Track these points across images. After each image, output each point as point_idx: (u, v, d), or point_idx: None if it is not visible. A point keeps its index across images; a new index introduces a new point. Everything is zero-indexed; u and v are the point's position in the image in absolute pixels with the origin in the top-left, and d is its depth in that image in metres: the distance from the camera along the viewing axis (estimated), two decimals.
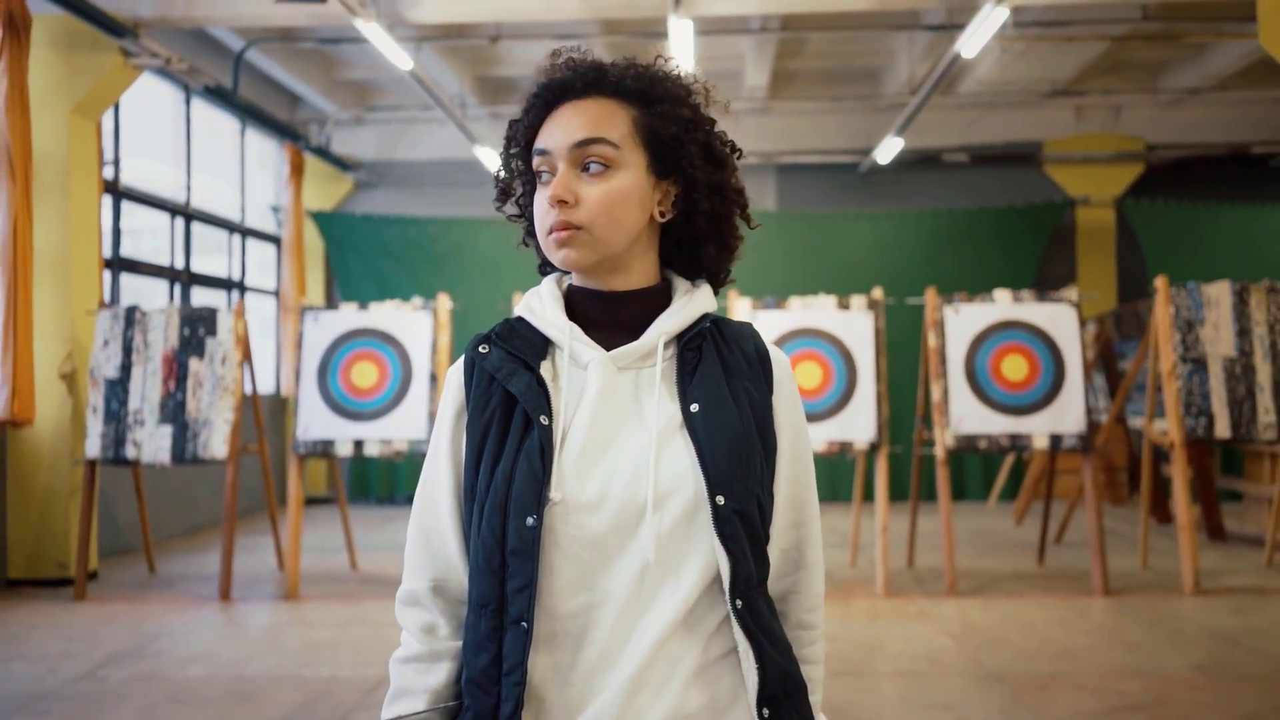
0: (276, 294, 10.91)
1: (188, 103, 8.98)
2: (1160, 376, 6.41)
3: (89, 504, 6.36)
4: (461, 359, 1.39)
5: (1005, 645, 5.06)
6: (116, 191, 7.93)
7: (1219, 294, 6.35)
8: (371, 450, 6.34)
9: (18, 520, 6.69)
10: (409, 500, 9.11)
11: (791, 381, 1.41)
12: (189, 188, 9.09)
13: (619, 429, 1.30)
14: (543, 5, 6.98)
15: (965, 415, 6.30)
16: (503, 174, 1.42)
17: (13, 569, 6.68)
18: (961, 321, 6.44)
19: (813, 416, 6.21)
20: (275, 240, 10.87)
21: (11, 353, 6.30)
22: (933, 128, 10.29)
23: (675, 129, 1.33)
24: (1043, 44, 8.60)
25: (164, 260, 8.83)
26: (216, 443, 6.36)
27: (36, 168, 6.60)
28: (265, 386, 10.49)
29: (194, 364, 6.46)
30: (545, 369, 1.34)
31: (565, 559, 1.26)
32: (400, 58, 7.06)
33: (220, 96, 8.50)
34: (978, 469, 10.67)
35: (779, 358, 1.41)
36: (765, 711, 1.27)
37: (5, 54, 6.32)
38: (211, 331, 6.50)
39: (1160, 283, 6.41)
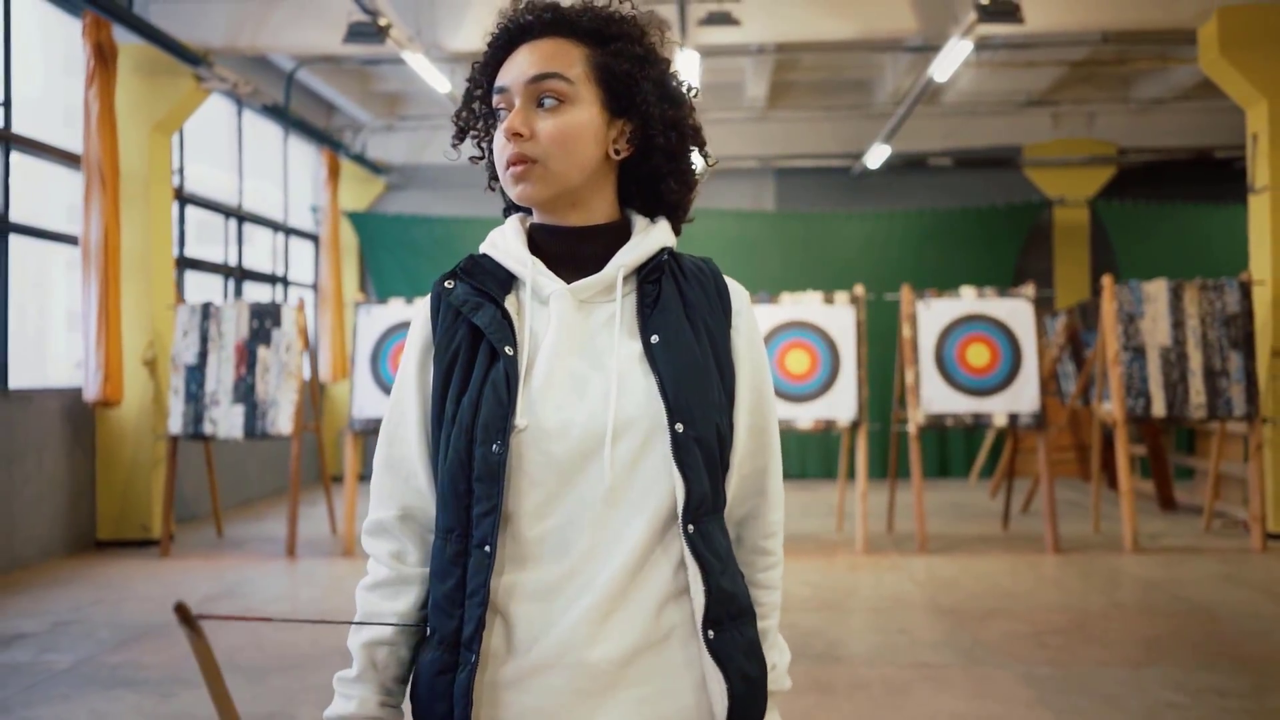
0: (314, 287, 11.84)
1: (239, 114, 9.92)
2: (1106, 363, 7.33)
3: (171, 474, 7.31)
4: (429, 295, 1.42)
5: (959, 589, 6.00)
6: (182, 197, 8.86)
7: (1156, 290, 7.26)
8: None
9: (105, 489, 7.64)
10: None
11: (750, 314, 1.43)
12: (240, 191, 10.04)
13: (581, 359, 1.33)
14: None
15: (934, 397, 7.22)
16: (463, 114, 1.44)
17: (101, 531, 7.63)
18: (932, 314, 7.36)
19: (801, 398, 7.15)
20: (314, 238, 11.80)
21: (104, 342, 7.24)
22: (919, 134, 11.17)
23: (629, 66, 1.36)
24: (1009, 66, 9.50)
25: (217, 257, 9.77)
26: (283, 420, 7.30)
27: (122, 180, 7.52)
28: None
29: (262, 352, 7.40)
30: (509, 303, 1.37)
31: (531, 485, 1.29)
32: (440, 82, 7.97)
33: (274, 113, 9.42)
34: (960, 448, 11.59)
35: (738, 290, 1.44)
36: (710, 633, 1.30)
37: (96, 81, 7.25)
38: (277, 323, 7.44)
39: (1106, 281, 7.32)
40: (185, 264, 8.96)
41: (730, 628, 1.32)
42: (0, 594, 6.03)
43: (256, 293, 10.62)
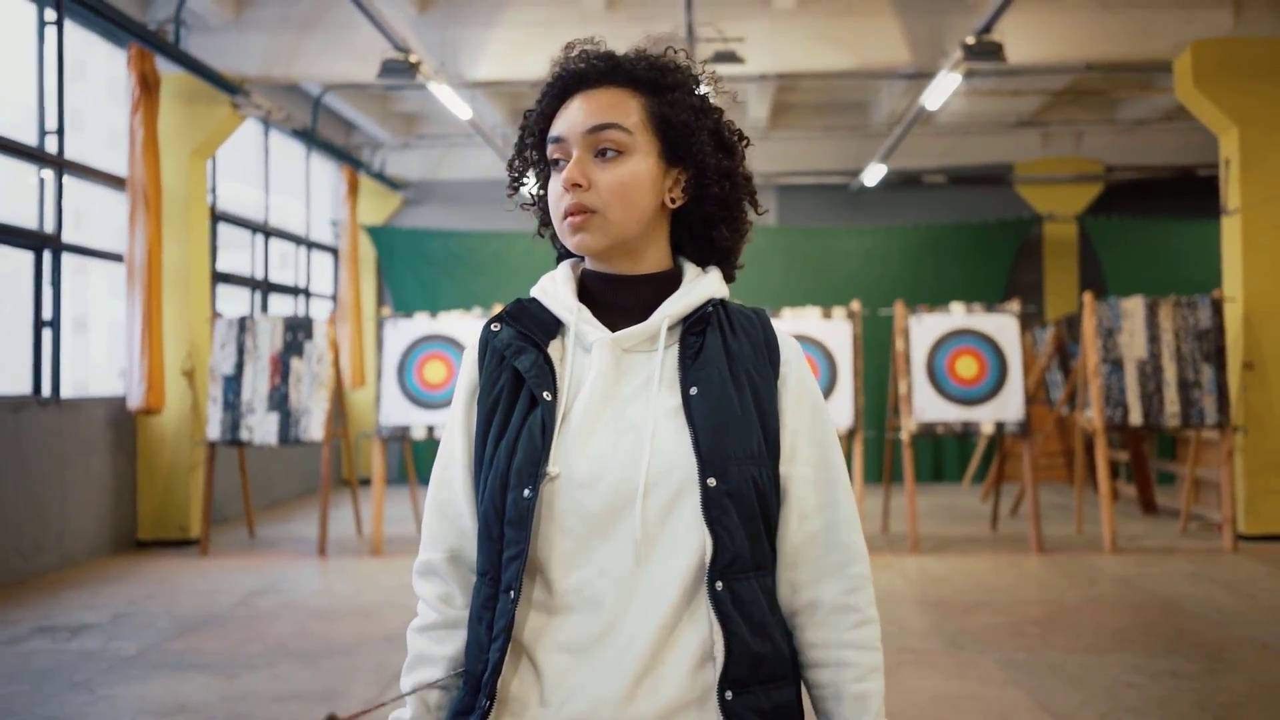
0: (334, 299, 12.33)
1: (266, 134, 10.41)
2: (1087, 374, 7.81)
3: (210, 477, 7.80)
4: (477, 338, 1.43)
5: (947, 584, 6.48)
6: (214, 215, 9.35)
7: (1134, 307, 7.75)
8: (442, 435, 7.76)
9: (146, 492, 8.12)
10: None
11: (802, 366, 1.40)
12: (267, 207, 10.53)
13: (619, 409, 1.32)
14: None
15: (926, 406, 7.71)
16: (516, 164, 1.44)
17: (142, 531, 8.11)
18: (924, 328, 7.85)
19: None
20: (334, 251, 12.29)
21: (147, 354, 7.72)
22: (914, 152, 11.66)
23: (686, 116, 1.36)
24: (996, 94, 10.01)
25: (244, 269, 10.25)
26: (314, 427, 7.79)
27: (164, 201, 8.01)
28: None
29: (295, 363, 7.89)
30: (554, 348, 1.36)
31: (561, 533, 1.29)
32: (462, 109, 8.46)
33: (298, 133, 9.92)
34: (954, 454, 12.07)
35: (788, 343, 1.41)
36: (728, 694, 1.27)
37: (141, 109, 7.75)
38: (309, 336, 7.93)
39: (1087, 298, 7.81)
40: (217, 278, 9.44)
41: (757, 691, 1.28)
42: (58, 588, 6.52)
43: (279, 304, 11.11)
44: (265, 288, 10.52)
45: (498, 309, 1.46)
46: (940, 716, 4.09)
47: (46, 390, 7.24)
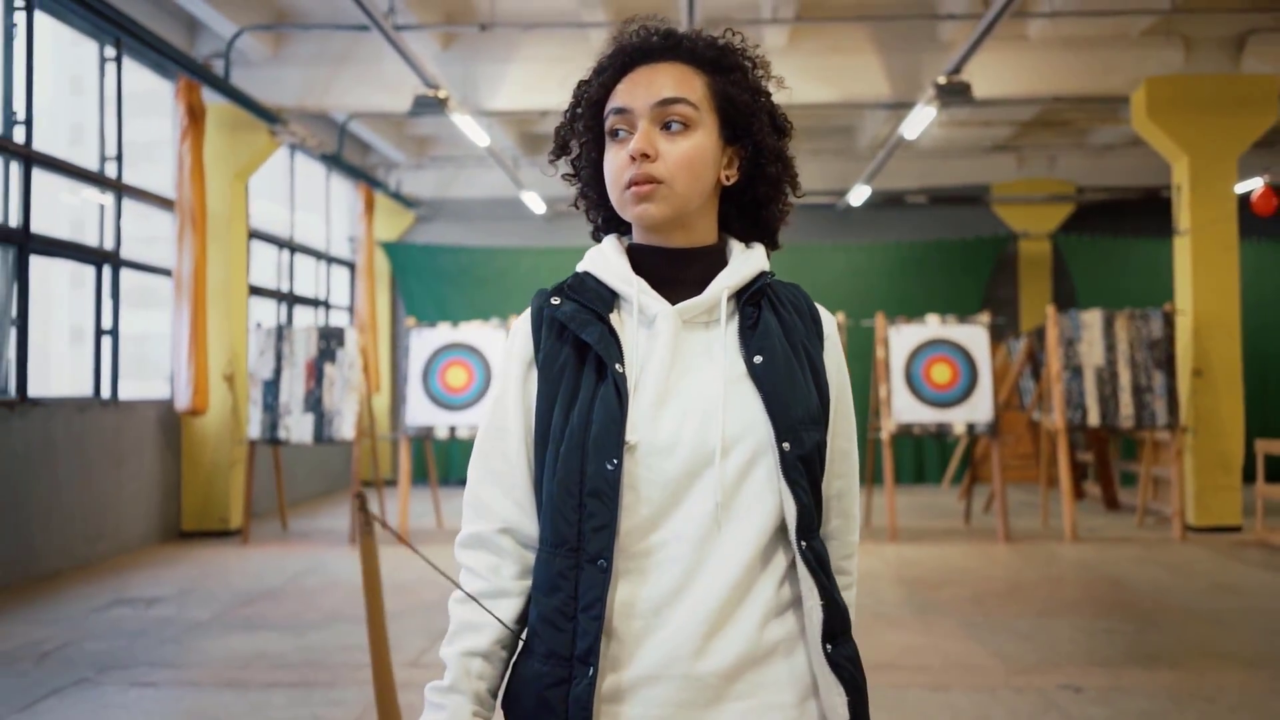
0: (351, 310, 13.07)
1: (292, 157, 11.17)
2: (1050, 380, 8.60)
3: (250, 473, 8.53)
4: (528, 312, 1.42)
5: (919, 567, 7.24)
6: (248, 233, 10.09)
7: (1092, 319, 8.54)
8: (463, 434, 8.53)
9: (189, 486, 8.84)
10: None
11: (837, 339, 1.45)
12: (292, 224, 11.29)
13: (687, 377, 1.33)
14: None
15: (904, 409, 8.48)
16: (564, 133, 1.46)
17: (185, 523, 8.83)
18: (902, 338, 8.62)
19: None
20: (350, 265, 13.04)
21: (193, 361, 8.46)
22: (896, 174, 12.45)
23: (747, 96, 1.38)
24: (969, 125, 10.82)
25: (269, 283, 10.99)
26: (346, 428, 8.53)
27: (209, 221, 8.76)
28: None
29: (328, 368, 8.63)
30: (614, 319, 1.37)
31: (639, 501, 1.30)
32: (481, 137, 9.23)
33: (328, 159, 10.68)
34: (934, 457, 12.85)
35: (827, 317, 1.45)
36: (828, 646, 1.31)
37: (189, 137, 8.50)
38: (341, 344, 8.67)
39: (1050, 310, 8.60)
40: (250, 291, 10.18)
41: (843, 641, 1.34)
42: (120, 570, 7.24)
43: (302, 315, 11.84)
44: (291, 300, 11.26)
45: (514, 320, 1.37)
46: (908, 662, 4.84)
47: (106, 393, 7.98)
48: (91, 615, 5.86)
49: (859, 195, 12.24)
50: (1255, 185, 10.57)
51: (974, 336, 8.58)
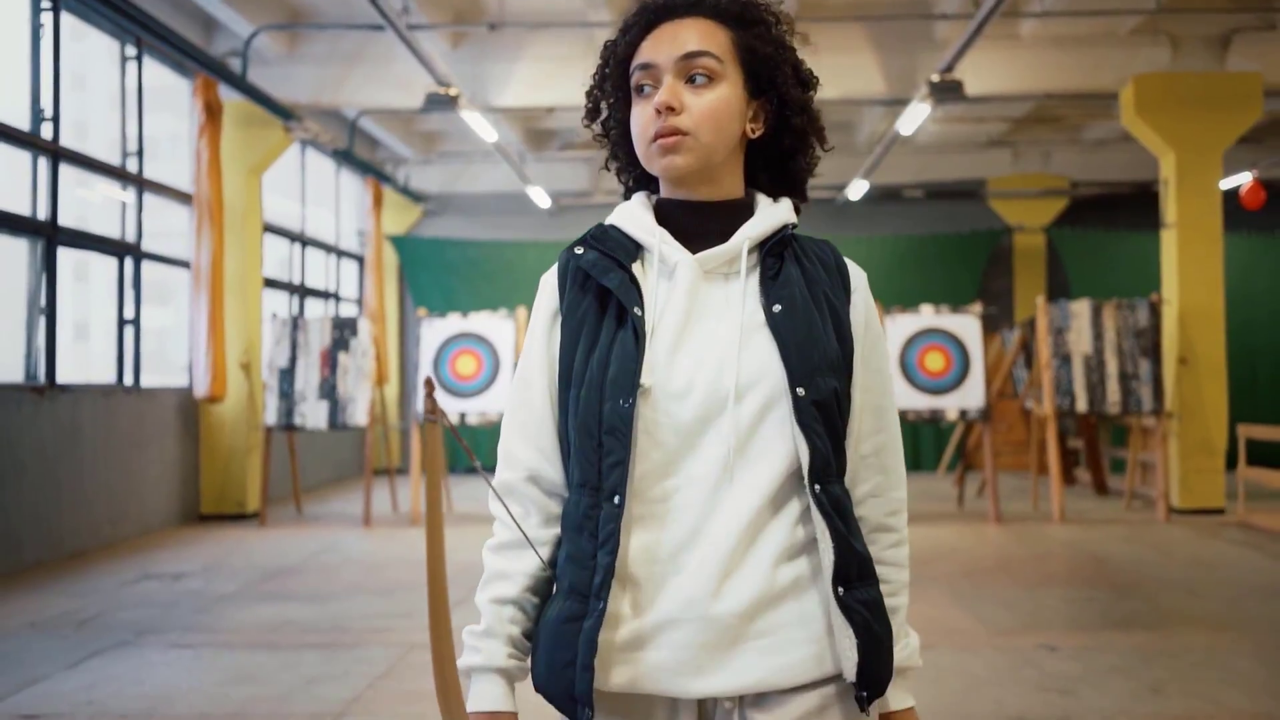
0: (359, 302, 13.37)
1: (303, 152, 11.47)
2: (1040, 368, 8.89)
3: (267, 458, 8.82)
4: (554, 267, 1.45)
5: (914, 546, 7.45)
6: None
7: (1080, 309, 8.83)
8: (472, 420, 8.83)
9: (207, 471, 9.15)
10: (488, 469, 11.67)
11: (867, 293, 1.45)
12: (304, 219, 11.58)
13: (705, 325, 1.36)
14: None
15: (898, 395, 8.76)
16: (594, 93, 1.48)
17: (204, 506, 9.13)
18: (897, 327, 8.91)
19: None
20: (359, 258, 13.34)
21: (212, 350, 8.75)
22: (894, 169, 12.74)
23: (770, 49, 1.40)
24: (963, 121, 11.12)
25: (281, 275, 11.29)
26: (360, 414, 8.82)
27: (225, 215, 9.05)
28: None
29: (342, 357, 8.93)
30: (636, 270, 1.40)
31: (653, 444, 1.33)
32: (489, 133, 9.51)
33: (342, 156, 10.97)
34: (930, 444, 13.14)
35: (856, 270, 1.46)
36: (840, 589, 1.32)
37: (207, 133, 8.79)
38: (354, 334, 8.97)
39: (1040, 300, 8.89)
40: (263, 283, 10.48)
41: (859, 586, 1.34)
42: (144, 549, 7.54)
43: (312, 307, 12.14)
44: (303, 292, 11.56)
45: (523, 311, 1.40)
46: None
47: (129, 380, 8.28)
48: (122, 588, 6.17)
49: (857, 190, 12.52)
50: (1244, 180, 10.89)
51: (966, 326, 8.87)
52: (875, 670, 1.34)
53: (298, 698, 4.07)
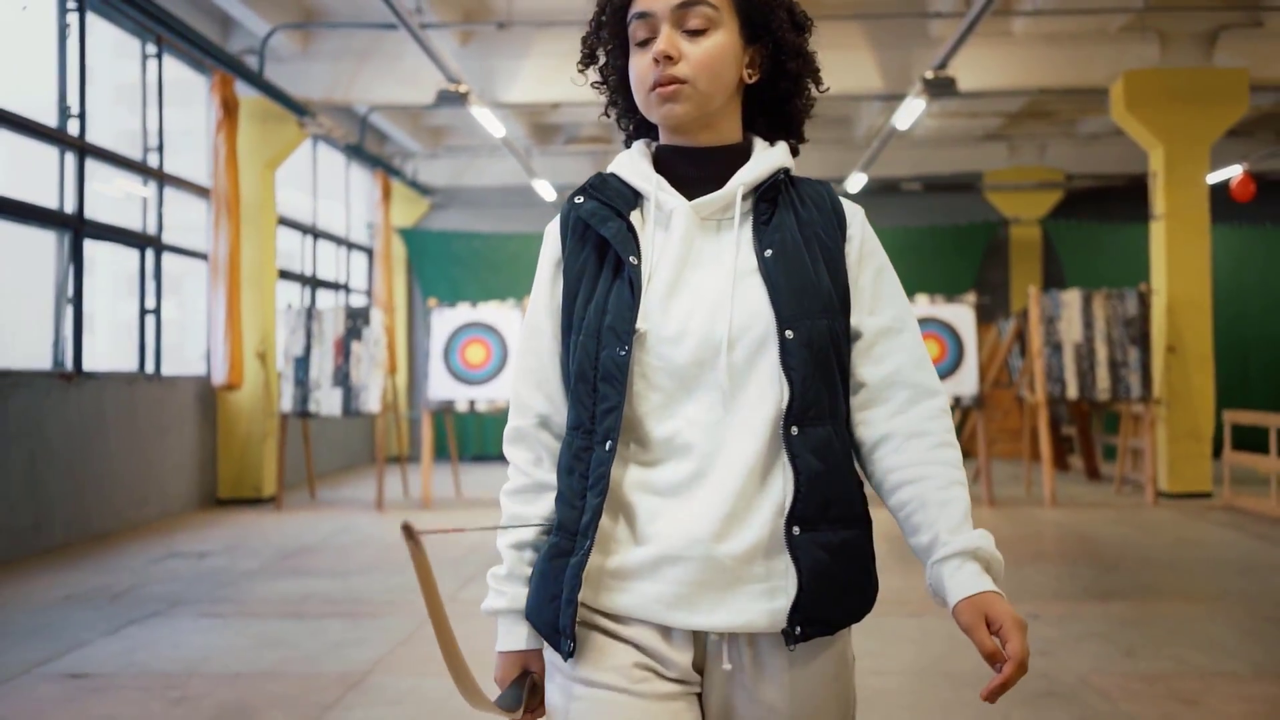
0: (368, 293, 13.65)
1: (315, 146, 11.74)
2: (1032, 356, 9.16)
3: (282, 444, 9.11)
4: (558, 218, 1.49)
5: None
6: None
7: (1071, 298, 9.09)
8: (481, 407, 9.11)
9: (225, 457, 9.43)
10: (495, 457, 11.96)
11: (864, 227, 1.47)
12: (315, 212, 11.86)
13: (699, 271, 1.39)
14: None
15: None
16: (590, 41, 1.52)
17: (221, 491, 9.42)
18: None
19: None
20: (368, 250, 13.62)
21: (229, 339, 9.03)
22: (892, 163, 13.00)
23: None
24: (958, 115, 11.39)
25: (292, 266, 11.57)
26: (372, 401, 9.11)
27: (242, 208, 9.32)
28: None
29: (355, 346, 9.21)
30: (634, 218, 1.43)
31: (650, 388, 1.37)
32: (497, 128, 9.79)
33: (354, 151, 11.25)
34: None
35: (852, 209, 1.49)
36: (795, 529, 1.33)
37: (224, 129, 9.06)
38: (367, 323, 9.25)
39: (1032, 290, 9.16)
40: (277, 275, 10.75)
41: (825, 529, 1.34)
42: (166, 531, 7.83)
43: (323, 298, 12.42)
44: (314, 283, 11.84)
45: (530, 301, 1.51)
46: (889, 598, 5.39)
47: (150, 368, 8.57)
48: (150, 565, 6.46)
49: (856, 183, 12.78)
50: (1234, 172, 11.15)
51: (960, 315, 9.14)
52: (820, 611, 1.35)
53: (327, 659, 4.36)
